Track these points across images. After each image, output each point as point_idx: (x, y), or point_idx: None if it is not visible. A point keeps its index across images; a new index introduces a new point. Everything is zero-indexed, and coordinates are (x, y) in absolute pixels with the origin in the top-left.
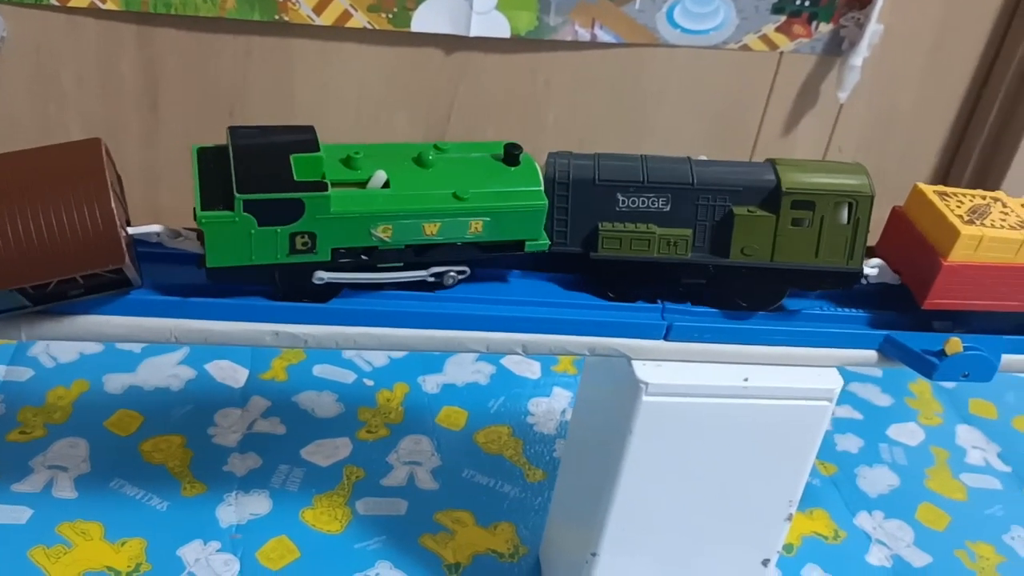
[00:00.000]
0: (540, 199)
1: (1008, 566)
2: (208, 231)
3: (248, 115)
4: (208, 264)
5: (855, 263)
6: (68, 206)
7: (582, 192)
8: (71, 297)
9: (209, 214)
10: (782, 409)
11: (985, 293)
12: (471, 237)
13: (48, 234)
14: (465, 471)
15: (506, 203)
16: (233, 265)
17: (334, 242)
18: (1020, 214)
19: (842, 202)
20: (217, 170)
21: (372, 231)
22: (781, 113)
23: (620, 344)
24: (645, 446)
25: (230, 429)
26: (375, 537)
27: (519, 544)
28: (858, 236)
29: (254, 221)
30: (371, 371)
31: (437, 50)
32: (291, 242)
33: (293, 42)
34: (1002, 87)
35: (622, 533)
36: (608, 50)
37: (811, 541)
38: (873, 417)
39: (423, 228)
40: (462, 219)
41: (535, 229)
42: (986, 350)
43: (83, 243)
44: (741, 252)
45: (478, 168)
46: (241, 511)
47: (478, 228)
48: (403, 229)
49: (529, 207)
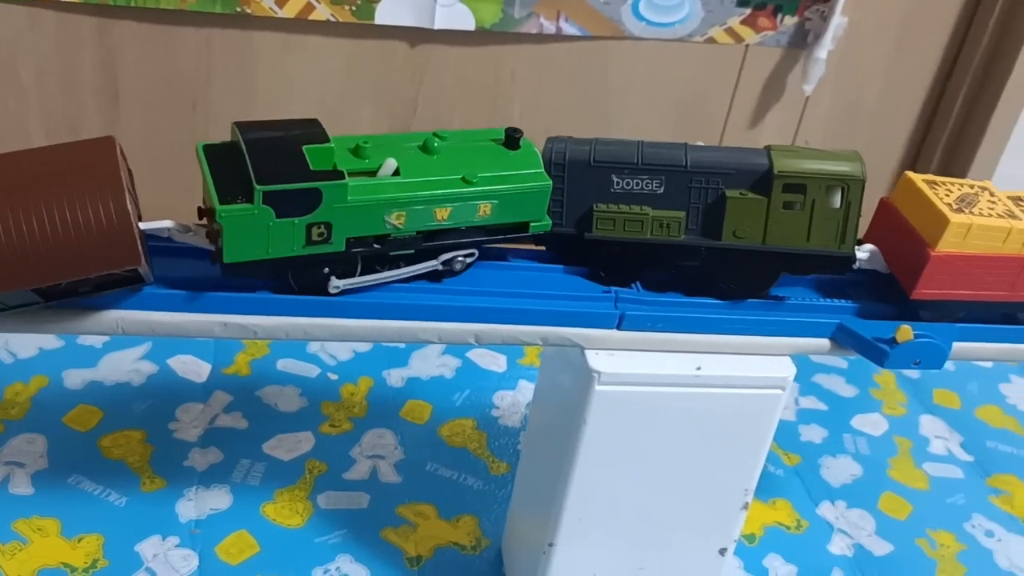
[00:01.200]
0: (544, 180)
1: (968, 554)
2: (227, 225)
3: (211, 108)
4: (225, 260)
5: (847, 248)
6: (84, 208)
7: (578, 174)
8: (81, 294)
9: (228, 208)
10: (735, 398)
11: (973, 283)
12: (479, 220)
13: (64, 235)
14: (429, 464)
15: (512, 185)
16: (250, 260)
17: (349, 231)
18: (1007, 203)
19: (834, 186)
20: (228, 165)
21: (386, 218)
22: (747, 106)
23: (573, 334)
24: (599, 435)
25: (191, 424)
26: (336, 531)
27: (481, 536)
28: (849, 221)
29: (272, 213)
30: (335, 365)
31: (401, 43)
32: (307, 233)
33: (255, 34)
34: (966, 79)
35: (578, 523)
36: (573, 43)
37: (773, 531)
38: (838, 408)
39: (435, 213)
40: (472, 203)
41: (539, 210)
42: (937, 337)
43: (99, 244)
44: (733, 235)
45: (482, 153)
46: (201, 506)
47: (487, 211)
48: (416, 215)
49: (534, 188)
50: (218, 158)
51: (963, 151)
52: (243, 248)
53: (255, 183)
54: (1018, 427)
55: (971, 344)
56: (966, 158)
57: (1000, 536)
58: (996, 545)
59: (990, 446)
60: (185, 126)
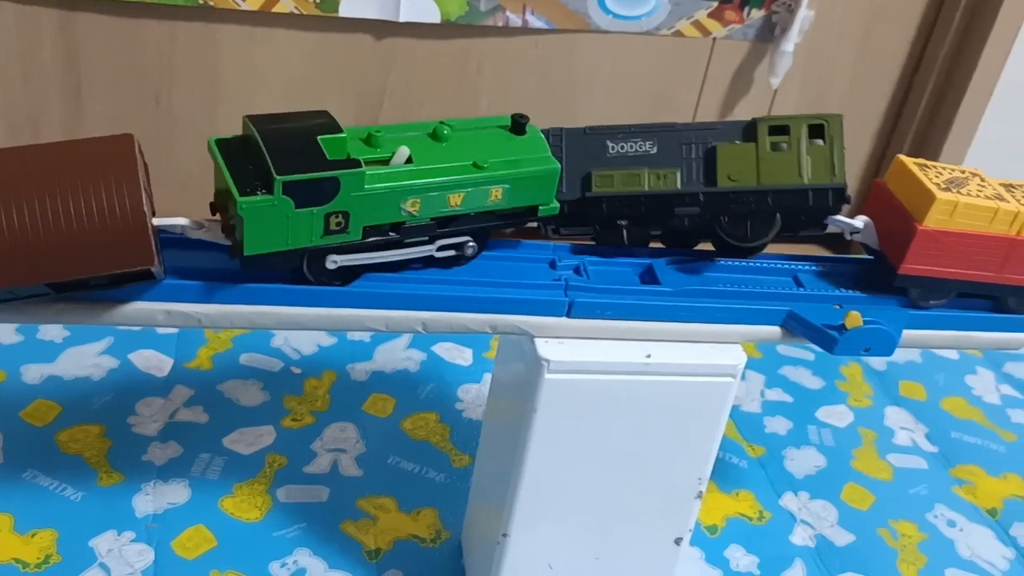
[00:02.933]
0: (552, 163)
1: (929, 544)
2: (247, 217)
3: (175, 101)
4: (246, 252)
5: (839, 179)
6: (100, 206)
7: (574, 142)
8: (92, 287)
9: (248, 199)
10: (686, 386)
11: (960, 261)
12: (491, 205)
13: (79, 232)
14: (391, 458)
15: (523, 169)
16: (270, 251)
17: (366, 220)
18: (996, 188)
19: (814, 123)
20: (243, 159)
21: (402, 206)
22: (715, 99)
23: (522, 321)
24: (550, 424)
25: (151, 418)
26: (295, 524)
27: (441, 529)
28: (835, 153)
29: (291, 203)
30: (299, 359)
31: (367, 35)
32: (325, 223)
33: (219, 27)
34: (933, 72)
35: (532, 513)
36: (540, 36)
37: (735, 522)
38: (803, 400)
39: (449, 199)
40: (484, 187)
41: (548, 193)
42: (887, 324)
43: (113, 243)
44: (728, 178)
45: (490, 139)
46: (158, 500)
47: (498, 196)
48: (430, 202)
49: (543, 171)
50: (232, 152)
51: (931, 144)
52: (263, 240)
53: (275, 174)
54: (983, 418)
55: (923, 331)
56: (934, 150)
57: (962, 526)
58: (958, 535)
59: (955, 437)
60: (149, 119)
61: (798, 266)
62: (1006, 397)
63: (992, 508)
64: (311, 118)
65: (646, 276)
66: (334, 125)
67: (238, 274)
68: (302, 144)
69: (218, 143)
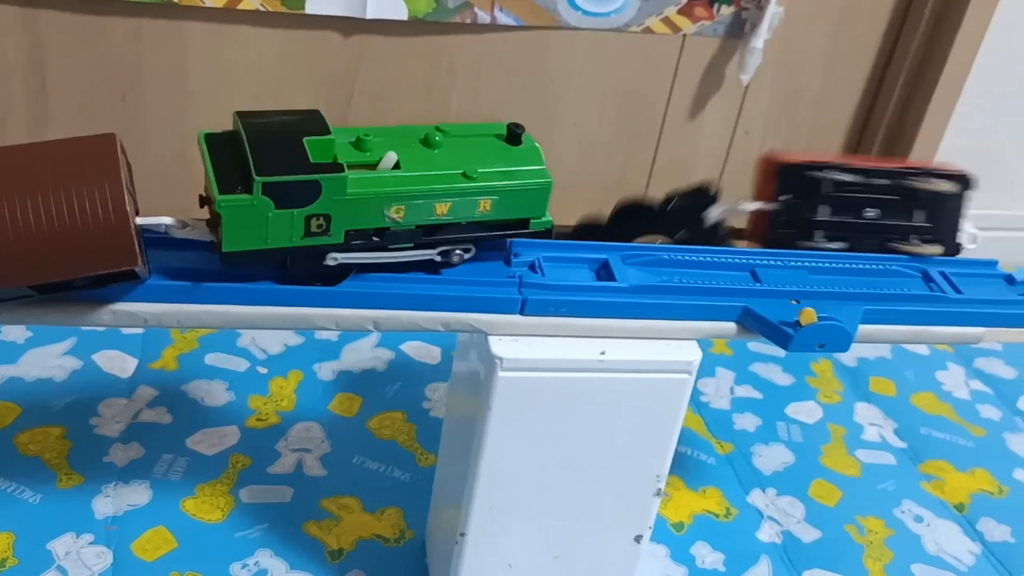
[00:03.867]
0: (545, 177)
1: (896, 539)
2: (226, 215)
3: (142, 98)
4: (224, 249)
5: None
6: (82, 206)
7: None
8: (76, 288)
9: (227, 198)
10: (641, 382)
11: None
12: (479, 216)
13: (61, 234)
14: (356, 457)
15: (513, 181)
16: (249, 249)
17: (348, 224)
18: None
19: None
20: (229, 155)
21: (385, 212)
22: (687, 96)
23: (475, 319)
24: (504, 422)
25: (114, 419)
26: (257, 525)
27: (405, 529)
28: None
29: (271, 204)
30: (265, 359)
31: (334, 33)
32: (306, 225)
33: (185, 24)
34: (904, 67)
35: (489, 512)
36: (509, 33)
37: (702, 519)
38: (773, 396)
39: (434, 208)
40: (471, 198)
41: (540, 207)
42: (842, 320)
43: (96, 244)
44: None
45: (483, 148)
46: (119, 502)
47: (486, 207)
48: (415, 210)
49: (535, 185)
50: (219, 147)
51: (903, 138)
52: (242, 238)
53: (254, 174)
54: (952, 413)
55: (879, 327)
56: (906, 145)
57: (929, 521)
58: (925, 530)
59: (924, 432)
60: (115, 117)
61: (756, 260)
62: (976, 392)
63: (960, 503)
64: (301, 117)
65: (602, 272)
66: (323, 126)
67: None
68: (287, 144)
69: (206, 137)
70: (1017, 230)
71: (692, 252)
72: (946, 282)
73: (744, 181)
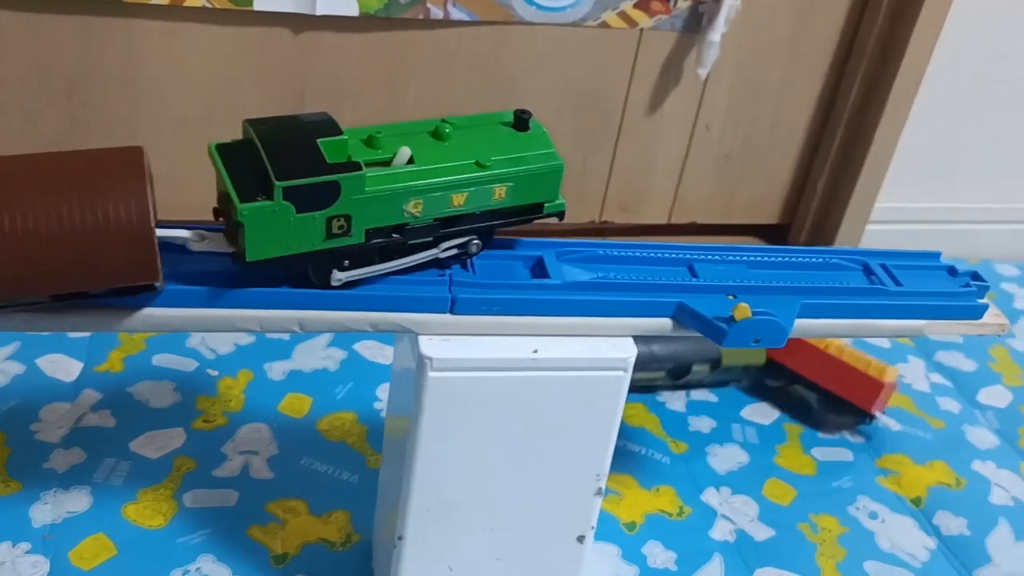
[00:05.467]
0: (556, 159)
1: (849, 536)
2: (248, 223)
3: (90, 98)
4: (248, 258)
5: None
6: (107, 219)
7: None
8: (91, 296)
9: (249, 206)
10: (575, 381)
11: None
12: (495, 204)
13: (84, 246)
14: (304, 459)
15: (526, 166)
16: (272, 256)
17: (368, 222)
18: None
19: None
20: (243, 163)
21: (404, 207)
22: (645, 91)
23: (404, 319)
24: (437, 424)
25: (56, 424)
26: (200, 530)
27: (352, 532)
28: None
29: (292, 208)
30: (215, 359)
31: (285, 29)
32: (327, 226)
33: (132, 22)
34: (863, 58)
35: (426, 515)
36: (464, 28)
37: (655, 518)
38: (729, 398)
39: (451, 199)
40: (487, 186)
41: (553, 190)
42: (777, 315)
43: (119, 258)
44: None
45: (492, 136)
46: (58, 509)
47: (501, 194)
48: (433, 202)
49: (547, 168)
50: (232, 157)
51: (865, 129)
52: (265, 245)
53: (274, 179)
54: (911, 405)
55: (817, 320)
56: (867, 137)
57: (884, 517)
58: (879, 527)
59: (883, 426)
60: (64, 116)
61: (694, 255)
62: (936, 385)
63: (916, 497)
64: (311, 119)
65: (536, 270)
66: (334, 127)
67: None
68: (302, 148)
69: (218, 148)
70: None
71: (629, 248)
72: (887, 275)
73: (706, 175)
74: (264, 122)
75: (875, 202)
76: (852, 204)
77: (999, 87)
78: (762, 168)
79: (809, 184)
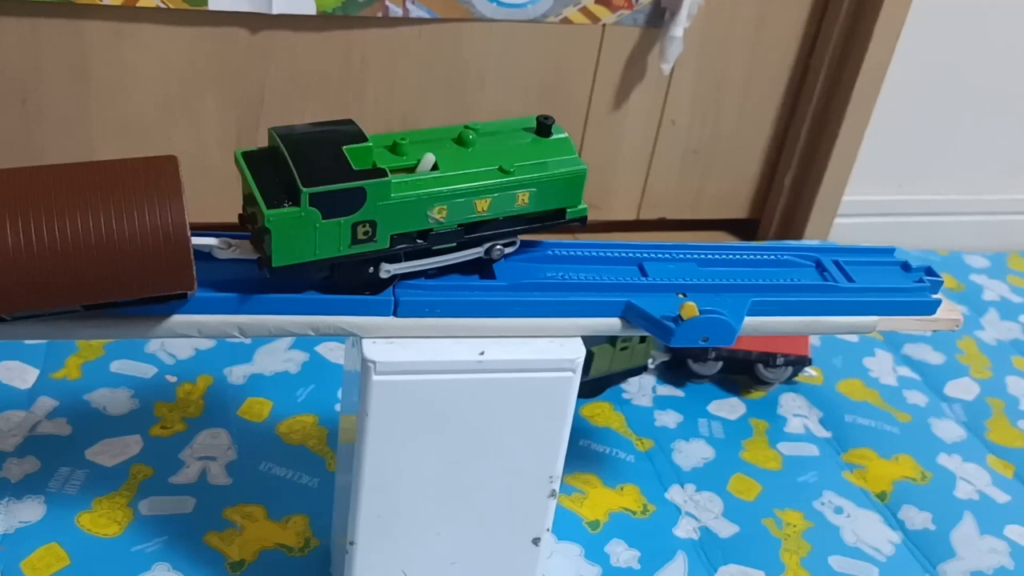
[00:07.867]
0: (580, 165)
1: (814, 532)
2: (275, 229)
3: (43, 101)
4: (274, 263)
5: None
6: (144, 229)
7: None
8: (122, 304)
9: (276, 212)
10: (523, 382)
11: None
12: (518, 210)
13: (121, 256)
14: (263, 464)
15: (549, 172)
16: (298, 262)
17: (393, 228)
18: None
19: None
20: (270, 170)
21: (428, 213)
22: (610, 87)
23: (346, 322)
24: (383, 427)
25: (9, 433)
26: (156, 538)
27: (311, 537)
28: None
29: (319, 215)
30: (174, 364)
31: (241, 29)
32: (353, 232)
33: (84, 23)
34: (827, 52)
35: (377, 520)
36: (423, 25)
37: (618, 517)
38: (695, 393)
39: (475, 205)
40: (510, 192)
41: (576, 196)
42: (726, 313)
43: (156, 267)
44: None
45: (516, 142)
46: (10, 519)
47: (525, 200)
48: (457, 208)
49: (571, 173)
50: (258, 164)
51: (830, 124)
52: (291, 251)
53: (301, 186)
54: (878, 399)
55: (767, 318)
56: (832, 131)
57: (850, 512)
58: (844, 521)
59: (849, 420)
60: (17, 121)
61: (645, 254)
62: (903, 378)
63: (882, 492)
64: (335, 126)
65: (484, 270)
66: (359, 134)
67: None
68: (327, 154)
69: (244, 155)
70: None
71: (580, 247)
72: (839, 271)
73: (673, 170)
74: (290, 129)
75: (843, 195)
76: (820, 198)
77: (963, 78)
78: (730, 163)
79: (777, 178)
